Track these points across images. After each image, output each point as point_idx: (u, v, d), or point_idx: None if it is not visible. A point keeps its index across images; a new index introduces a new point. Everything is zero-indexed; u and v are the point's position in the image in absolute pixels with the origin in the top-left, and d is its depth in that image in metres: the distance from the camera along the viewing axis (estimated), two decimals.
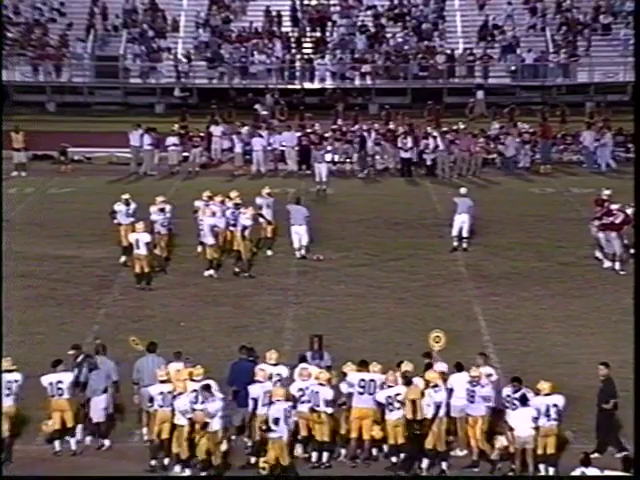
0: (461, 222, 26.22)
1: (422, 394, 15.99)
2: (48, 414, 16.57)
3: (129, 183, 33.91)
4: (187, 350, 19.16)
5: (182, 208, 26.99)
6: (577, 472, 14.68)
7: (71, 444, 16.55)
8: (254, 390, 16.27)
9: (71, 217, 29.52)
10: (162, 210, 25.20)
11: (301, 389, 16.35)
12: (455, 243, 26.34)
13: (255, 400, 16.24)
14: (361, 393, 16.30)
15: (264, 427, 15.73)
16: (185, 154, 36.04)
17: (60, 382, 16.48)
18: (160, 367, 16.77)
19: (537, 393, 16.04)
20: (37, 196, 32.05)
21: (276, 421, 15.54)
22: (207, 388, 15.95)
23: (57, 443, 16.60)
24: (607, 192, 25.81)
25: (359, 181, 34.73)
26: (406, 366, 16.59)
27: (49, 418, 16.57)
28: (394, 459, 16.10)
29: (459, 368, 16.80)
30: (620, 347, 19.81)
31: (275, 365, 16.89)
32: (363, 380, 16.35)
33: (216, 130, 37.25)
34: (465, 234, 26.32)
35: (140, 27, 50.14)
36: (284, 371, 16.91)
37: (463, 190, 27.15)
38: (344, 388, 16.59)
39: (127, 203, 25.29)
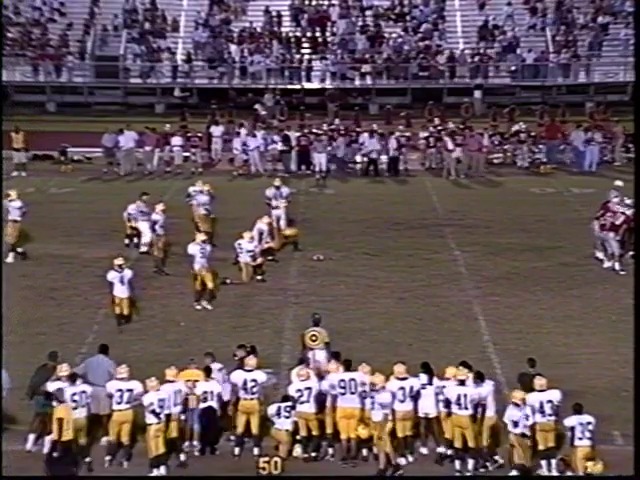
0: None
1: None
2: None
3: (130, 183, 33.93)
4: (187, 350, 19.19)
5: (182, 209, 27.13)
6: None
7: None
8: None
9: (71, 217, 29.49)
10: (164, 211, 25.15)
11: (299, 390, 16.36)
12: None
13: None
14: (343, 393, 16.29)
15: None
16: (185, 154, 36.04)
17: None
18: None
19: (532, 389, 15.98)
20: (37, 196, 31.99)
21: None
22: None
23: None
24: (615, 199, 25.66)
25: (359, 181, 34.74)
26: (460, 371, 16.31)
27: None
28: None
29: (472, 368, 16.75)
30: (620, 347, 19.79)
31: (250, 371, 16.57)
32: (343, 380, 16.31)
33: (216, 130, 37.28)
34: None
35: (140, 27, 50.21)
36: (261, 377, 16.63)
37: (619, 183, 27.03)
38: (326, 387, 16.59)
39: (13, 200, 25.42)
